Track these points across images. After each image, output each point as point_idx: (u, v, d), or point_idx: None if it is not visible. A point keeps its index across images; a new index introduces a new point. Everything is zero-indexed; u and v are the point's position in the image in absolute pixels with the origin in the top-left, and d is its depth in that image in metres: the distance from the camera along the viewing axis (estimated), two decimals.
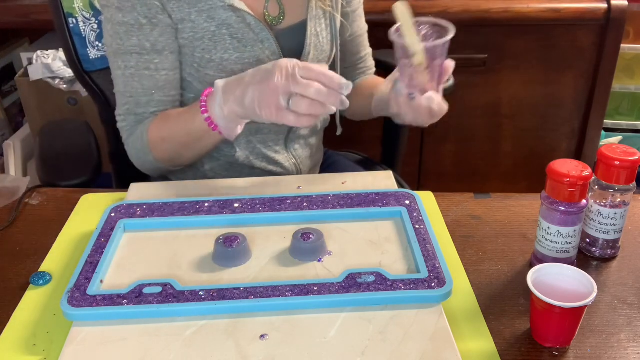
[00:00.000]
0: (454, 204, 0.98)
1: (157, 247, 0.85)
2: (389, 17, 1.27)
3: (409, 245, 0.83)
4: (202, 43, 1.02)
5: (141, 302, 0.73)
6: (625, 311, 0.77)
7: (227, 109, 0.92)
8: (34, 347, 0.72)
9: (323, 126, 1.22)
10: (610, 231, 0.84)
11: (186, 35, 1.01)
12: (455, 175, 2.10)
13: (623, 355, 0.70)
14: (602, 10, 1.80)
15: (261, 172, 1.14)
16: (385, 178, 1.01)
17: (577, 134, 2.02)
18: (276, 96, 0.86)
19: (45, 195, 1.03)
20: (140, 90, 1.03)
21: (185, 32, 1.01)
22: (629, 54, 2.14)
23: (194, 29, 1.01)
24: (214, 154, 1.11)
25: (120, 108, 1.06)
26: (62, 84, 1.90)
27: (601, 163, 0.82)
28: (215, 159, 1.12)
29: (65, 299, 0.74)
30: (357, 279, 0.76)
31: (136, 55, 1.01)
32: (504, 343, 0.72)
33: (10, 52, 2.19)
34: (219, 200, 0.93)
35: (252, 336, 0.70)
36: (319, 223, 0.88)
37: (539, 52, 1.89)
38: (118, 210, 0.91)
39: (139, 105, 1.04)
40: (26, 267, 0.86)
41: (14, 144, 2.00)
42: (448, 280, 0.75)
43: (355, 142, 1.51)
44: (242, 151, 1.10)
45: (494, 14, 1.81)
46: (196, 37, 1.01)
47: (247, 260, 0.82)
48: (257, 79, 0.89)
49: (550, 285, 0.71)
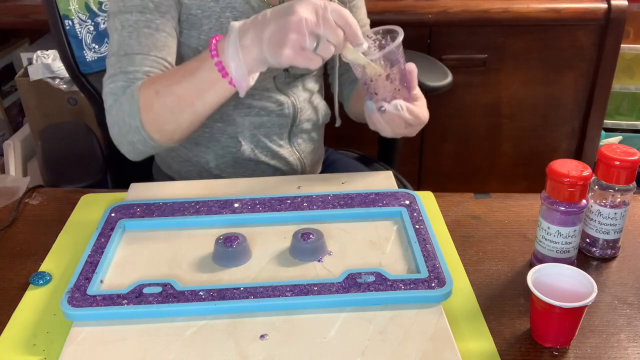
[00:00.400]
0: (454, 204, 0.98)
1: (157, 247, 0.85)
2: (389, 17, 1.27)
3: (409, 245, 0.83)
4: (209, 22, 1.01)
5: (141, 302, 0.73)
6: (625, 311, 0.77)
7: (242, 50, 0.83)
8: (34, 347, 0.72)
9: (324, 121, 1.22)
10: (610, 231, 0.84)
11: (194, 11, 1.00)
12: (455, 175, 2.10)
13: (623, 355, 0.70)
14: (602, 10, 1.80)
15: (266, 167, 1.14)
16: (385, 178, 1.01)
17: (577, 134, 2.02)
18: (302, 34, 0.78)
19: (45, 195, 1.03)
20: (137, 47, 0.96)
21: (193, 8, 1.00)
22: (629, 54, 2.14)
23: (202, 7, 1.00)
24: (219, 151, 1.11)
25: (109, 70, 0.97)
26: (62, 84, 1.90)
27: (601, 163, 0.82)
28: (220, 155, 1.12)
29: (65, 299, 0.74)
30: (357, 279, 0.76)
31: (137, 13, 0.96)
32: (504, 343, 0.72)
33: (10, 52, 2.19)
34: (219, 200, 0.93)
35: (252, 336, 0.70)
36: (319, 223, 0.88)
37: (539, 52, 1.89)
38: (118, 210, 0.91)
39: (132, 62, 0.95)
40: (26, 267, 0.86)
41: (14, 144, 2.00)
42: (448, 280, 0.75)
43: (353, 141, 1.51)
44: (247, 144, 1.11)
45: (494, 14, 1.81)
46: (204, 14, 1.00)
47: (247, 260, 0.82)
48: (279, 14, 0.81)
49: (550, 285, 0.71)
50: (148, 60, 0.96)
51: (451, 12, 1.81)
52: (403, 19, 1.80)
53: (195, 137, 1.11)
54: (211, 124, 1.09)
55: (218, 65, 0.85)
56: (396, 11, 1.77)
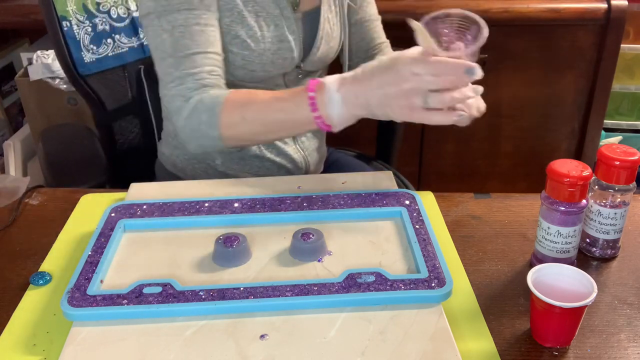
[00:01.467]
0: (454, 204, 0.98)
1: (157, 247, 0.85)
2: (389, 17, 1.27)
3: (409, 245, 0.83)
4: (232, 14, 1.02)
5: (141, 302, 0.73)
6: (625, 311, 0.77)
7: (347, 113, 0.87)
8: (34, 347, 0.72)
9: None
10: (610, 231, 0.84)
11: (221, 2, 1.01)
12: (455, 175, 2.10)
13: (623, 355, 0.70)
14: (602, 10, 1.80)
15: (271, 164, 1.14)
16: (385, 178, 1.01)
17: (577, 134, 2.02)
18: (409, 97, 0.81)
19: (45, 195, 1.03)
20: (193, 46, 0.97)
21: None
22: (629, 54, 2.14)
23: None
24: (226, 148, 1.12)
25: (171, 72, 0.98)
26: (62, 84, 1.90)
27: (601, 163, 0.82)
28: (226, 152, 1.13)
29: (65, 299, 0.74)
30: (357, 279, 0.76)
31: (185, 11, 0.97)
32: (504, 343, 0.72)
33: (10, 52, 2.19)
34: (219, 200, 0.93)
35: (252, 336, 0.70)
36: (319, 223, 0.88)
37: (539, 52, 1.89)
38: (118, 210, 0.91)
39: (194, 63, 0.97)
40: (26, 267, 0.86)
41: (14, 144, 2.00)
42: (448, 280, 0.75)
43: (351, 140, 1.51)
44: None
45: (494, 14, 1.81)
46: (227, 7, 1.01)
47: (247, 260, 0.82)
48: (381, 81, 0.83)
49: (550, 285, 0.71)
50: (207, 59, 0.98)
51: None
52: (403, 19, 1.80)
53: None
54: None
55: (318, 119, 0.89)
56: (396, 11, 1.76)
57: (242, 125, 0.95)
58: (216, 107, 0.95)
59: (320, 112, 0.88)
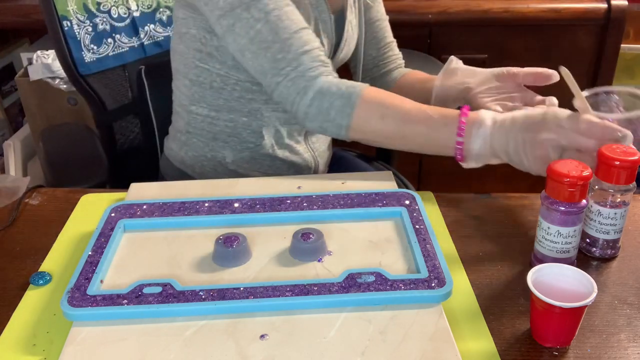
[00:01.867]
0: (454, 204, 0.98)
1: (157, 247, 0.85)
2: (389, 17, 1.27)
3: (409, 245, 0.83)
4: None
5: (141, 302, 0.73)
6: (625, 311, 0.77)
7: (487, 152, 0.89)
8: (34, 347, 0.72)
9: None
10: (610, 231, 0.84)
11: None
12: (455, 175, 2.10)
13: (623, 355, 0.70)
14: (602, 10, 1.80)
15: (281, 163, 1.15)
16: (385, 178, 1.01)
17: None
18: (545, 148, 0.83)
19: (45, 195, 1.03)
20: (294, 25, 0.95)
21: None
22: (629, 54, 2.14)
23: None
24: (237, 146, 1.12)
25: (283, 57, 0.95)
26: (62, 84, 1.90)
27: (601, 163, 0.82)
28: (238, 151, 1.13)
29: (65, 299, 0.74)
30: (357, 279, 0.76)
31: None
32: (504, 343, 0.72)
33: (10, 52, 2.19)
34: (219, 200, 0.93)
35: (252, 336, 0.70)
36: (319, 223, 0.88)
37: (539, 52, 1.89)
38: (118, 210, 0.91)
39: (301, 40, 0.95)
40: (26, 267, 0.86)
41: (14, 144, 2.00)
42: (448, 280, 0.75)
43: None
44: (269, 139, 1.12)
45: (494, 14, 1.81)
46: None
47: (247, 260, 0.82)
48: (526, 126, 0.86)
49: (550, 285, 0.71)
50: (311, 34, 0.97)
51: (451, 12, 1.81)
52: (403, 19, 1.81)
53: (214, 132, 1.12)
54: (237, 118, 1.10)
55: (458, 145, 0.90)
56: (396, 11, 1.76)
57: (377, 123, 0.94)
58: (353, 96, 0.94)
59: (464, 141, 0.89)
